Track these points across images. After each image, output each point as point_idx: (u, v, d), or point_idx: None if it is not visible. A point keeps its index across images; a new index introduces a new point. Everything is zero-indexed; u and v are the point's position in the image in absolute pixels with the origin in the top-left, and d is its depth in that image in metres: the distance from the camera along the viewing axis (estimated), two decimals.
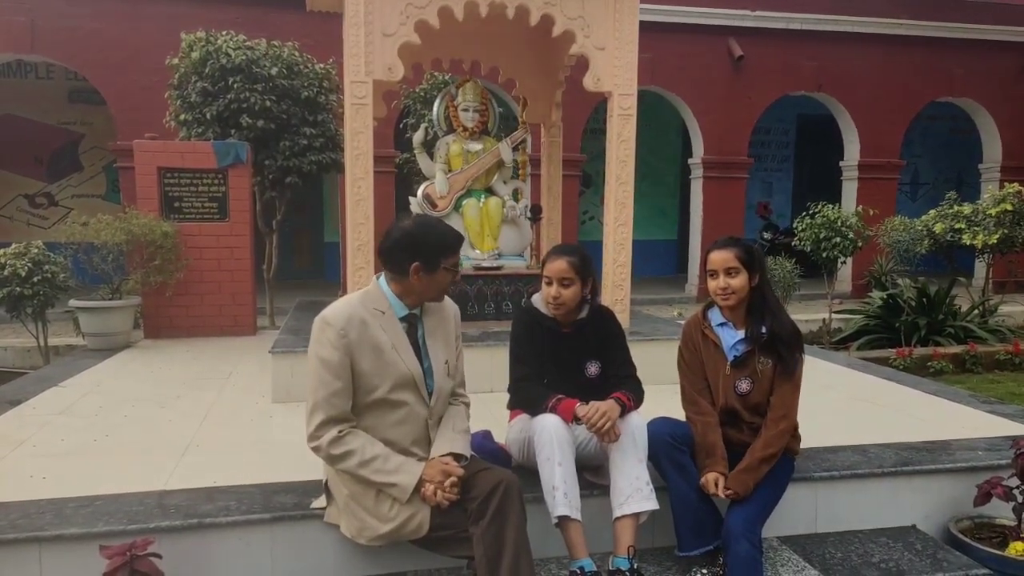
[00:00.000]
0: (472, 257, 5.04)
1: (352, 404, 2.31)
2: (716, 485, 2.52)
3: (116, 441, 3.39)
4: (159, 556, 2.21)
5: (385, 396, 2.30)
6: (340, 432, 2.25)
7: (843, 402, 4.23)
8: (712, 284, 2.67)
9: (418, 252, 2.29)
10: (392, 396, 2.31)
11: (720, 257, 2.63)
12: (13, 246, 5.65)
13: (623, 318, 4.62)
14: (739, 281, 2.62)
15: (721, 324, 2.73)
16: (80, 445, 3.32)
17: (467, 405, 2.60)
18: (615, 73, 4.56)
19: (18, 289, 5.48)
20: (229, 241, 6.27)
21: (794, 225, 8.81)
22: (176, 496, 2.65)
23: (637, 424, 2.58)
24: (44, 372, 4.99)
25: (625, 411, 2.57)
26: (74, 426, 3.62)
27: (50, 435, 3.47)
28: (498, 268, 5.01)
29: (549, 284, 2.68)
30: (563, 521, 2.42)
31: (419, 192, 5.13)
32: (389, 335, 2.33)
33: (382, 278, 2.41)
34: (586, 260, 2.71)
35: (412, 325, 2.42)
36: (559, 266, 2.66)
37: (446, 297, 2.55)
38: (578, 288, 2.67)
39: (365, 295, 2.39)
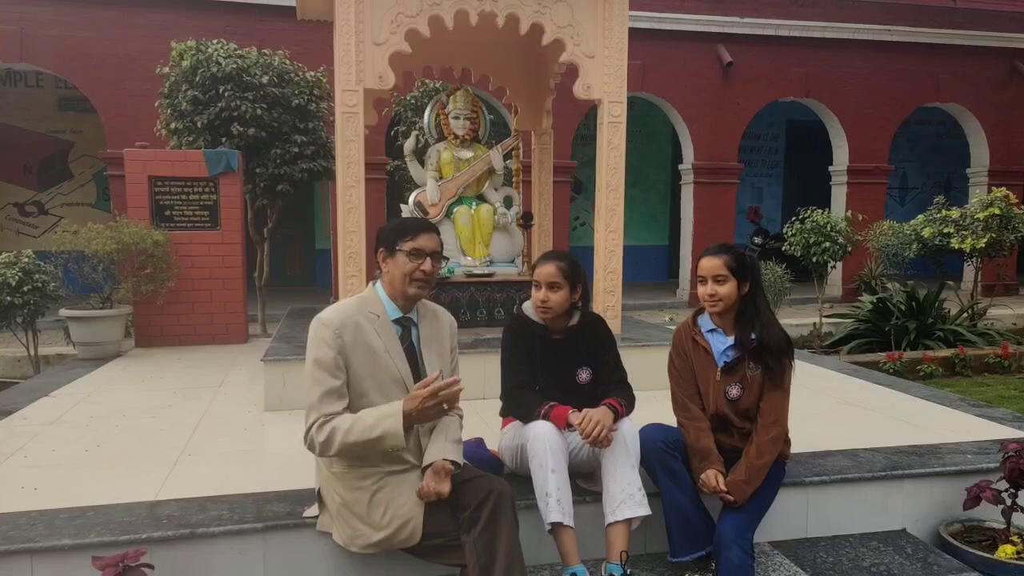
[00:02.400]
0: (464, 264, 5.05)
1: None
2: (717, 480, 2.53)
3: (108, 451, 3.38)
4: (151, 567, 2.21)
5: (377, 400, 2.32)
6: (325, 420, 2.24)
7: (833, 406, 4.26)
8: (701, 290, 2.70)
9: (381, 239, 2.42)
10: (383, 400, 2.32)
11: (709, 264, 2.66)
12: (3, 255, 5.62)
13: (614, 324, 4.63)
14: (726, 289, 2.64)
15: (711, 330, 2.75)
16: (71, 456, 3.31)
17: (460, 416, 2.61)
18: (605, 81, 4.59)
19: (8, 298, 5.45)
20: (220, 249, 6.26)
21: (784, 230, 8.86)
22: (168, 506, 2.64)
23: (629, 430, 2.59)
24: (34, 382, 4.96)
25: (617, 417, 2.58)
26: (65, 436, 3.61)
27: (41, 446, 3.45)
28: (490, 275, 5.02)
29: (538, 288, 2.70)
30: (556, 528, 2.43)
31: (410, 199, 5.13)
32: (383, 339, 2.35)
33: (378, 283, 2.45)
34: (575, 266, 2.73)
35: (406, 330, 2.44)
36: (547, 270, 2.68)
37: (443, 309, 2.58)
38: (566, 293, 2.69)
39: (361, 300, 2.43)
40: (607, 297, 4.74)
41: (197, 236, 6.19)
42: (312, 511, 2.52)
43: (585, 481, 2.77)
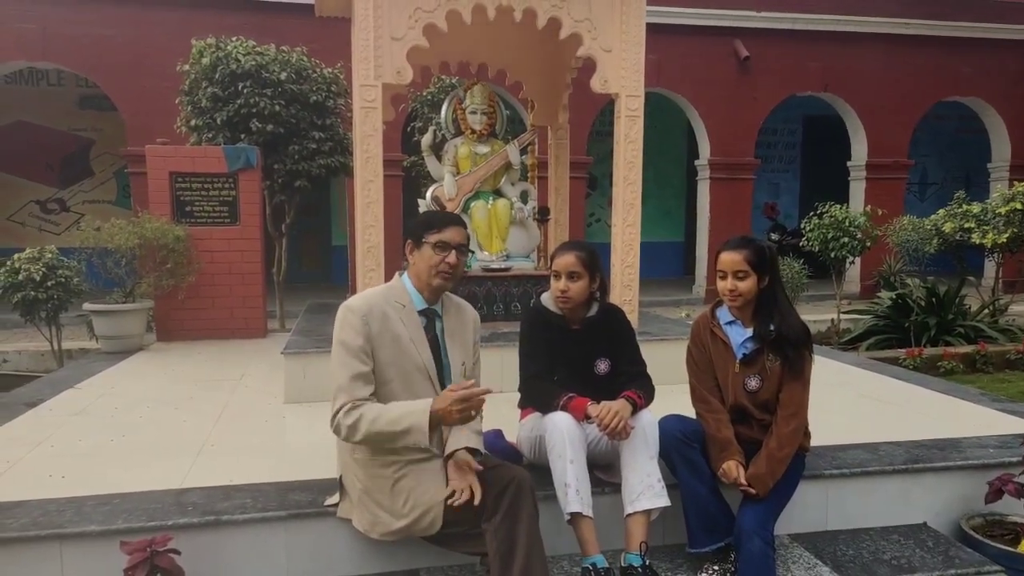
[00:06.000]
0: (480, 259, 5.07)
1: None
2: (737, 471, 2.53)
3: (133, 441, 3.44)
4: (178, 552, 2.24)
5: (399, 388, 2.34)
6: (352, 406, 2.26)
7: (853, 401, 4.23)
8: (720, 284, 2.69)
9: (409, 231, 2.46)
10: (406, 388, 2.35)
11: (729, 259, 2.65)
12: (28, 251, 5.71)
13: (632, 318, 4.61)
14: (747, 284, 2.63)
15: (729, 322, 2.75)
16: (97, 445, 3.37)
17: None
18: (622, 75, 4.58)
19: (32, 293, 5.54)
20: (239, 244, 6.32)
21: (802, 225, 8.80)
22: (193, 494, 2.68)
23: (648, 421, 2.60)
24: (59, 375, 5.05)
25: (636, 409, 2.59)
26: (91, 427, 3.67)
27: (67, 435, 3.52)
28: (506, 269, 5.04)
29: (558, 278, 2.71)
30: (575, 518, 2.44)
31: (428, 194, 5.16)
32: (408, 328, 2.39)
33: (405, 274, 2.48)
34: (594, 256, 2.74)
35: (431, 321, 2.46)
36: (567, 260, 2.69)
37: (467, 303, 2.60)
38: (586, 283, 2.70)
39: (388, 289, 2.47)
40: (624, 291, 4.74)
41: (217, 231, 6.25)
42: (333, 499, 2.55)
43: (604, 472, 2.78)
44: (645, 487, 2.50)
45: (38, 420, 3.80)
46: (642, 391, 2.67)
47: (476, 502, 2.24)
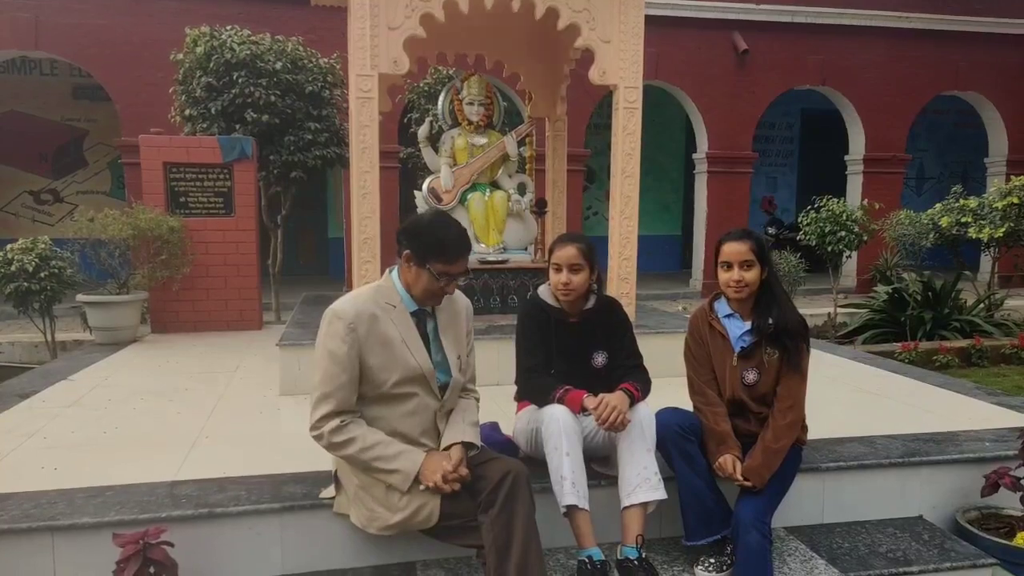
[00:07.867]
0: (477, 251, 5.04)
1: (361, 396, 2.32)
2: (733, 466, 2.53)
3: (126, 433, 3.41)
4: (171, 544, 2.23)
5: (393, 390, 2.32)
6: (342, 421, 2.26)
7: (849, 394, 4.23)
8: (725, 276, 2.66)
9: (413, 240, 2.30)
10: (401, 389, 2.32)
11: (735, 249, 2.63)
12: (21, 241, 5.67)
13: (629, 311, 4.60)
14: (753, 274, 2.62)
15: (728, 315, 2.74)
16: (90, 437, 3.34)
17: (477, 400, 2.61)
18: (621, 66, 4.55)
19: (25, 284, 5.50)
20: (235, 236, 6.28)
21: (799, 220, 8.79)
22: (187, 486, 2.66)
23: (645, 414, 2.59)
24: (52, 366, 5.01)
25: (633, 402, 2.58)
26: (84, 418, 3.64)
27: (60, 427, 3.49)
28: (503, 262, 5.02)
29: (559, 271, 2.69)
30: (571, 510, 2.43)
31: (424, 186, 5.13)
32: (399, 329, 2.33)
33: (395, 272, 2.42)
34: (592, 247, 2.73)
35: (423, 319, 2.43)
36: (569, 252, 2.67)
37: (459, 292, 2.55)
38: (587, 275, 2.69)
39: (377, 289, 2.40)
40: (621, 284, 4.72)
41: (211, 223, 6.21)
42: (328, 492, 2.53)
43: (600, 465, 2.77)
44: (642, 480, 2.49)
45: (31, 412, 3.78)
46: (639, 384, 2.65)
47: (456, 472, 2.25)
